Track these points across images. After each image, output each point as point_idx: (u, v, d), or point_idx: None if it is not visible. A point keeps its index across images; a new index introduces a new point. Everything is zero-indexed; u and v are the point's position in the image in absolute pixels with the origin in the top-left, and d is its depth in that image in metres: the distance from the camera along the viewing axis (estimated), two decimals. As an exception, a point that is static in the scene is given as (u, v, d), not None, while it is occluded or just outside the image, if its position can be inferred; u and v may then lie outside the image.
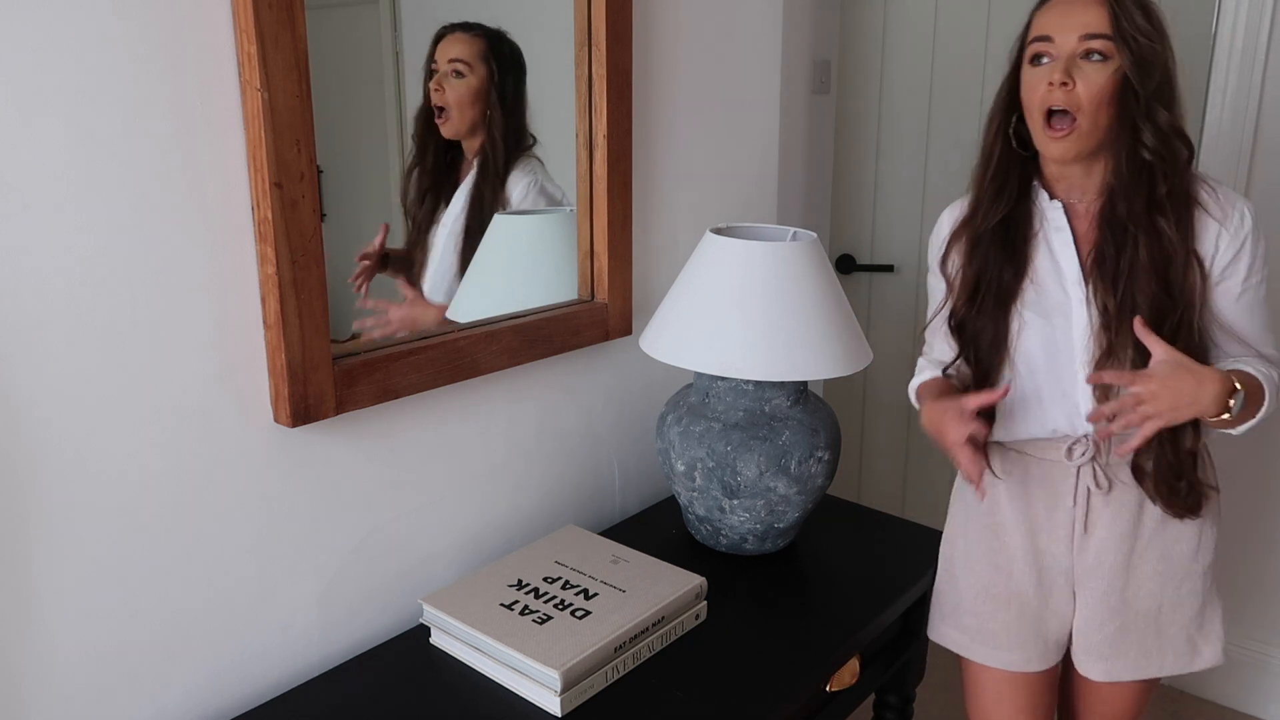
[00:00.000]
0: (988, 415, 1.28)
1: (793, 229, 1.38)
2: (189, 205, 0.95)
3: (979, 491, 1.23)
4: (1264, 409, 1.18)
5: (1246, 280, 1.21)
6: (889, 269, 2.37)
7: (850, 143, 2.34)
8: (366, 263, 1.23)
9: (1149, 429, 1.11)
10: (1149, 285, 1.17)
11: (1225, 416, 1.11)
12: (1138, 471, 1.23)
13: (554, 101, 1.39)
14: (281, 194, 0.98)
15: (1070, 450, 1.27)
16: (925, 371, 1.40)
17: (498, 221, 1.36)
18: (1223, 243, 1.19)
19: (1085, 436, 1.26)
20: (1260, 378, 1.18)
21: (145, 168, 0.91)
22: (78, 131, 0.86)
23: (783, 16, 1.79)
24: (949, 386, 1.32)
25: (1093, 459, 1.26)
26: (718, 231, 1.35)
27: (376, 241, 1.24)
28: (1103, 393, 1.21)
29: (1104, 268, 1.21)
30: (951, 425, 1.17)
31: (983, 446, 1.24)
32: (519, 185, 1.37)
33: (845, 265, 2.39)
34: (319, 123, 1.00)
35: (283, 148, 0.97)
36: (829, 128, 2.32)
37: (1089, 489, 1.27)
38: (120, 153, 0.89)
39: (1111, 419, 1.13)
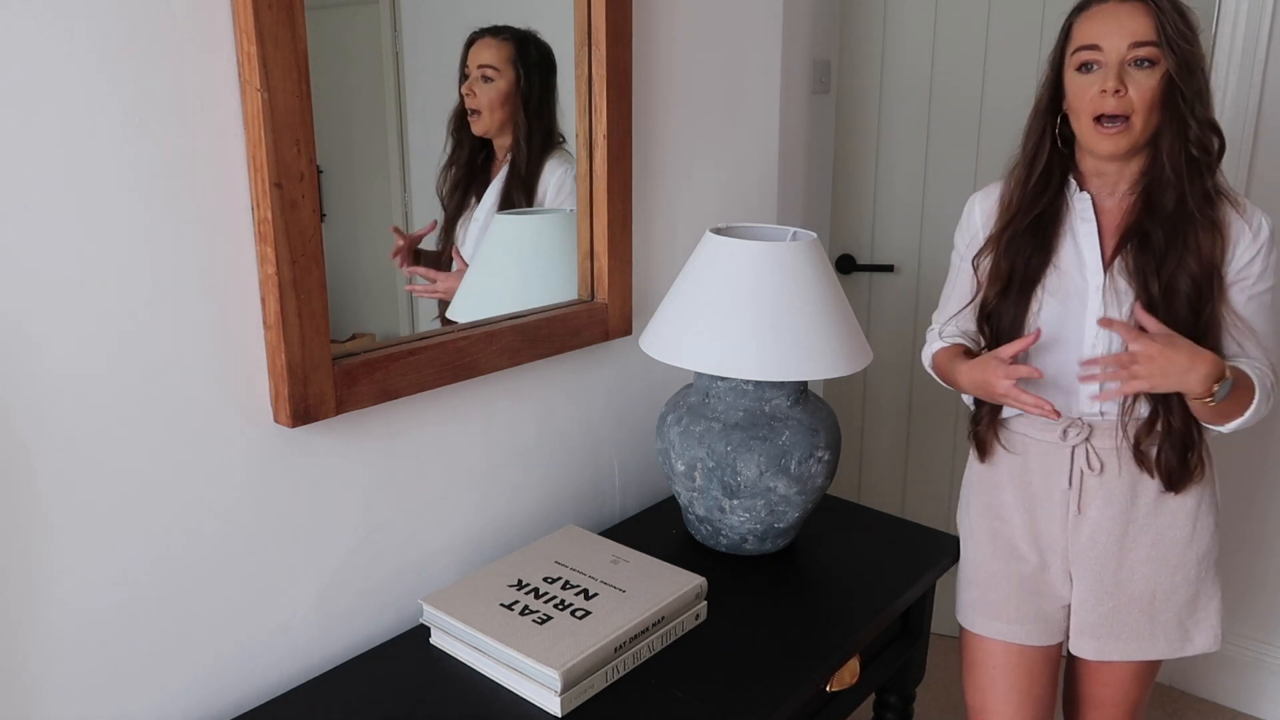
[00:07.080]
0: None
1: (793, 229, 1.38)
2: (189, 205, 0.95)
3: (1052, 415, 1.22)
4: (1252, 409, 1.22)
5: (1256, 285, 1.26)
6: (889, 269, 2.37)
7: (850, 143, 2.34)
8: (401, 243, 1.27)
9: (1130, 388, 1.16)
10: (1193, 273, 1.22)
11: (1209, 400, 1.16)
12: (1137, 452, 1.28)
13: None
14: (281, 194, 0.98)
15: (1065, 431, 1.32)
16: (935, 342, 1.46)
17: (498, 221, 1.36)
18: (1241, 246, 1.25)
19: (1079, 419, 1.32)
20: (1254, 376, 1.22)
21: (145, 168, 0.91)
22: (77, 131, 0.86)
23: (783, 16, 1.79)
24: (963, 349, 1.38)
25: (1086, 440, 1.31)
26: (718, 231, 1.35)
27: (419, 232, 1.28)
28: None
29: (1148, 254, 1.25)
30: (995, 376, 1.24)
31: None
32: (553, 178, 1.39)
33: (845, 265, 2.39)
34: (319, 123, 1.00)
35: (283, 148, 0.97)
36: (829, 128, 2.32)
37: (1082, 470, 1.32)
38: (120, 152, 0.89)
39: (1104, 372, 1.21)
